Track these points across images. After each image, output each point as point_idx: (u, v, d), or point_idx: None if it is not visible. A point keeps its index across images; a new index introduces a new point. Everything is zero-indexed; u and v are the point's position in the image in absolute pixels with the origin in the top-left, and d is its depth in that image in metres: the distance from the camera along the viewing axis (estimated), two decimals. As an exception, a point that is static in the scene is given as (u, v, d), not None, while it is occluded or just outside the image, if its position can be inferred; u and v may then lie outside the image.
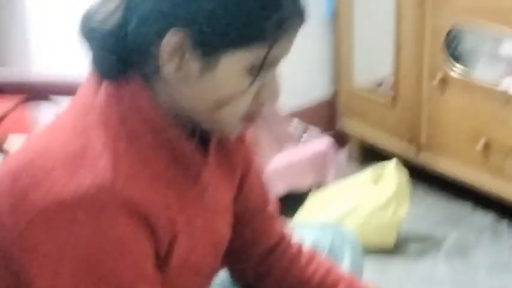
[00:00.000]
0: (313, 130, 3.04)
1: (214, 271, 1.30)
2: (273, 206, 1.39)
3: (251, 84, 1.06)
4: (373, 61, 3.20)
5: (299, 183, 2.88)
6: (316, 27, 3.23)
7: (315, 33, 3.24)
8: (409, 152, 3.00)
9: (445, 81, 2.80)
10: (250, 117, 1.11)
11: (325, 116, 3.31)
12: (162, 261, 1.09)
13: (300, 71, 3.17)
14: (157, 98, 1.07)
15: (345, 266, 1.50)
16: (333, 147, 2.97)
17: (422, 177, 3.01)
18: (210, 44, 1.02)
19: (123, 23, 1.04)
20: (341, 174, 2.95)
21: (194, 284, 1.21)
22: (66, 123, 1.08)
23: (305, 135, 2.97)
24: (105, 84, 1.07)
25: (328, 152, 2.94)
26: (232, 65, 1.03)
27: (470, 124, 2.77)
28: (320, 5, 3.21)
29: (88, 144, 1.02)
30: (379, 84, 3.19)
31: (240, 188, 1.30)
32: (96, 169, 1.00)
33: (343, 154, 3.22)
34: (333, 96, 3.31)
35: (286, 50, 1.07)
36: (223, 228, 1.25)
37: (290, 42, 1.07)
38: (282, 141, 2.78)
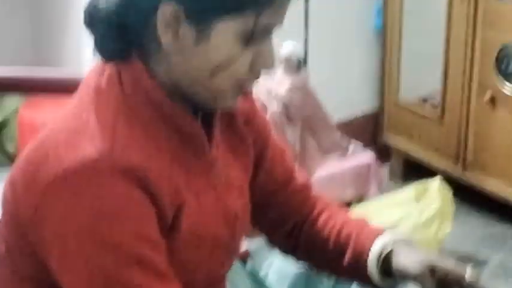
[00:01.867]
0: (357, 143, 3.01)
1: (232, 249, 1.29)
2: (301, 179, 1.41)
3: (243, 50, 1.11)
4: (420, 76, 3.16)
5: (340, 195, 2.84)
6: (364, 40, 3.22)
7: (363, 46, 3.22)
8: (454, 170, 2.95)
9: (494, 99, 2.75)
10: (244, 87, 1.17)
11: (369, 130, 3.28)
12: (169, 230, 1.12)
13: (346, 83, 3.16)
14: (157, 74, 1.13)
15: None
16: (376, 162, 2.94)
17: (467, 196, 2.95)
18: (202, 12, 1.08)
19: (123, 3, 1.11)
20: (383, 189, 2.91)
21: (213, 260, 1.23)
22: (72, 105, 1.15)
23: (348, 148, 2.94)
24: (108, 66, 1.14)
25: (371, 166, 2.91)
26: (225, 32, 1.09)
27: (518, 144, 2.72)
28: (369, 18, 3.18)
29: (89, 120, 1.09)
30: (426, 100, 3.15)
31: (259, 167, 1.34)
32: (95, 141, 1.06)
33: (385, 169, 3.19)
34: (377, 110, 3.28)
35: (277, 19, 1.12)
36: (237, 207, 1.27)
37: (281, 10, 1.11)
38: (329, 150, 2.75)
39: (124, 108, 1.11)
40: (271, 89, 2.54)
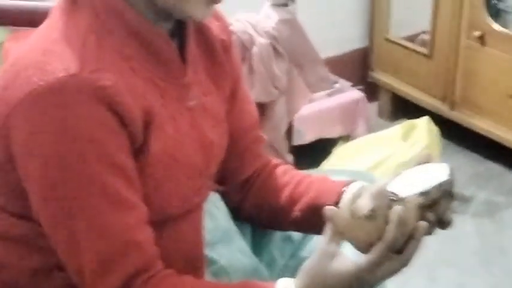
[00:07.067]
0: (345, 81, 2.99)
1: (208, 176, 1.28)
2: (259, 131, 1.41)
3: None
4: (410, 14, 3.13)
5: (328, 132, 2.84)
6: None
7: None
8: (442, 109, 2.94)
9: (483, 37, 2.73)
10: None
11: (358, 67, 3.25)
12: (140, 151, 1.11)
13: (336, 20, 3.11)
14: None
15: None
16: (364, 99, 2.92)
17: (455, 134, 2.95)
18: None
19: None
20: (371, 127, 2.91)
21: (188, 185, 1.21)
22: (44, 25, 1.14)
23: (337, 85, 2.92)
24: None
25: (359, 104, 2.90)
26: None
27: (506, 82, 2.70)
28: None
29: (58, 40, 1.07)
30: (415, 38, 3.13)
31: (231, 101, 1.33)
32: (64, 61, 1.04)
33: (374, 107, 3.18)
34: (366, 47, 3.25)
35: None
36: (214, 136, 1.26)
37: None
38: (315, 86, 2.72)
39: (96, 27, 1.09)
40: (258, 23, 2.50)
